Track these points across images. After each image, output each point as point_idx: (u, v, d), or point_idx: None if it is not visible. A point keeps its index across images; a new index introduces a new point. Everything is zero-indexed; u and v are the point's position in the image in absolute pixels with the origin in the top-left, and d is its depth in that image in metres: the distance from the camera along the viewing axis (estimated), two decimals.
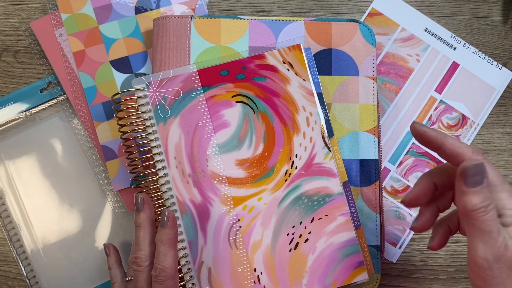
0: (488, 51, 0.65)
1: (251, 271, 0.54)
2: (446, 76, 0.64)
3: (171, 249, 0.49)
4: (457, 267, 0.63)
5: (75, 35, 0.62)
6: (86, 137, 0.62)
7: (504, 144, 0.65)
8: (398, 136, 0.64)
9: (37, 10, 0.65)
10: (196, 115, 0.56)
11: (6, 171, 0.62)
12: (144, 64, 0.62)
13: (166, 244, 0.49)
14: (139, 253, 0.51)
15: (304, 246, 0.55)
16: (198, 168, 0.55)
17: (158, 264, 0.49)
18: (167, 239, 0.49)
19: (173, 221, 0.50)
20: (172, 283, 0.49)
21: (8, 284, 0.62)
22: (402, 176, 0.63)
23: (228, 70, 0.57)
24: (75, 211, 0.62)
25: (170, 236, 0.50)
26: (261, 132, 0.56)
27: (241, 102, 0.56)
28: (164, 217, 0.50)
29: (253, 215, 0.55)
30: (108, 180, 0.62)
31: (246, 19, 0.60)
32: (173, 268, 0.49)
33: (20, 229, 0.61)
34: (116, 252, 0.58)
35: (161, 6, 0.63)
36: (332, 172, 0.56)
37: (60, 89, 0.63)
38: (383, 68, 0.64)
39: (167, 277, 0.48)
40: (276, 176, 0.56)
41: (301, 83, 0.57)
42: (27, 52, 0.64)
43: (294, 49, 0.57)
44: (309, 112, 0.56)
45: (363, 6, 0.66)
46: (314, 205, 0.55)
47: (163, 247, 0.49)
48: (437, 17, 0.66)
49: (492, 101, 0.64)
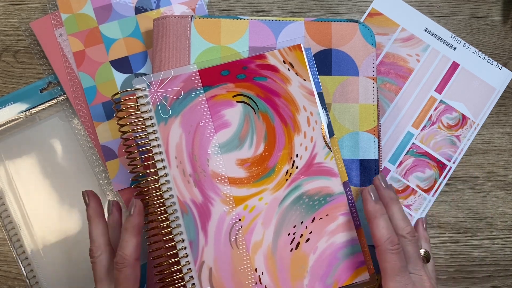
0: (488, 51, 0.65)
1: (252, 271, 0.54)
2: (446, 76, 0.65)
3: (133, 237, 0.50)
4: (457, 267, 0.63)
5: (75, 35, 0.62)
6: (86, 137, 0.62)
7: (504, 144, 0.65)
8: (398, 136, 0.64)
9: (37, 10, 0.65)
10: (197, 115, 0.56)
11: (6, 171, 0.62)
12: (144, 64, 0.62)
13: (129, 232, 0.50)
14: (91, 246, 0.52)
15: (305, 246, 0.55)
16: (199, 167, 0.55)
17: (120, 251, 0.49)
18: (131, 227, 0.50)
19: (139, 210, 0.51)
20: (130, 271, 0.49)
21: (8, 284, 0.61)
22: (402, 176, 0.63)
23: (229, 70, 0.57)
24: (75, 211, 0.62)
25: (133, 224, 0.50)
26: (262, 132, 0.56)
27: (242, 102, 0.56)
28: (131, 206, 0.51)
29: (254, 214, 0.55)
30: (108, 180, 0.62)
31: (246, 19, 0.60)
32: (133, 256, 0.49)
33: (20, 229, 0.61)
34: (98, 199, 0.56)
35: (161, 6, 0.63)
36: (333, 171, 0.56)
37: (60, 89, 0.63)
38: (383, 68, 0.64)
39: (126, 265, 0.49)
40: (277, 175, 0.56)
41: (302, 83, 0.57)
42: (27, 52, 0.64)
43: (294, 49, 0.57)
44: (310, 112, 0.56)
45: (363, 6, 0.66)
46: (315, 204, 0.55)
47: (126, 234, 0.50)
48: (437, 17, 0.66)
49: (492, 101, 0.65)
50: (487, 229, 0.64)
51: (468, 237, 0.64)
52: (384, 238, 0.49)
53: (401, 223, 0.52)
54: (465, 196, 0.64)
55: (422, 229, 0.59)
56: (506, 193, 0.64)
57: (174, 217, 0.54)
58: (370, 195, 0.52)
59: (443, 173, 0.64)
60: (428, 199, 0.63)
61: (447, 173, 0.64)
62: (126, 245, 0.49)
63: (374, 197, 0.52)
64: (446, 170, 0.64)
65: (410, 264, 0.50)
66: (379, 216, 0.50)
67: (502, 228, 0.64)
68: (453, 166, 0.64)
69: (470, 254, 0.64)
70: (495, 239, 0.64)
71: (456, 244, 0.64)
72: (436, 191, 0.64)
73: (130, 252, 0.49)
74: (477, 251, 0.64)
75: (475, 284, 0.63)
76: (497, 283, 0.63)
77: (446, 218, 0.64)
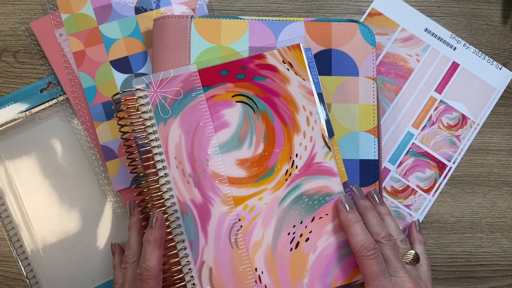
0: (488, 51, 0.65)
1: (252, 271, 0.54)
2: (446, 76, 0.65)
3: (156, 249, 0.51)
4: (457, 267, 0.63)
5: (75, 35, 0.62)
6: (86, 137, 0.62)
7: (504, 144, 0.65)
8: (398, 136, 0.64)
9: (37, 10, 0.65)
10: (196, 115, 0.56)
11: (6, 171, 0.62)
12: (144, 64, 0.62)
13: (152, 244, 0.51)
14: (127, 251, 0.54)
15: (305, 246, 0.55)
16: (199, 168, 0.55)
17: (143, 263, 0.50)
18: (153, 239, 0.51)
19: (161, 223, 0.52)
20: (154, 282, 0.50)
21: (8, 284, 0.61)
22: (402, 176, 0.63)
23: (228, 70, 0.57)
24: (75, 211, 0.62)
25: (156, 236, 0.51)
26: (261, 131, 0.56)
27: (241, 102, 0.56)
28: (152, 218, 0.52)
29: (253, 214, 0.55)
30: (108, 180, 0.62)
31: (246, 19, 0.60)
32: (157, 268, 0.50)
33: (20, 229, 0.61)
34: (122, 253, 0.59)
35: (161, 6, 0.63)
36: (332, 171, 0.56)
37: (60, 89, 0.63)
38: (383, 68, 0.64)
39: (150, 276, 0.50)
40: (277, 175, 0.56)
41: (301, 83, 0.57)
42: (27, 52, 0.64)
43: (293, 49, 0.57)
44: (309, 111, 0.56)
45: (363, 6, 0.66)
46: (315, 204, 0.55)
47: (149, 247, 0.51)
48: (437, 17, 0.66)
49: (492, 101, 0.65)
50: (487, 229, 0.64)
51: (468, 237, 0.64)
52: (359, 246, 0.51)
53: (376, 228, 0.54)
54: (465, 196, 0.64)
55: (416, 231, 0.60)
56: (506, 193, 0.64)
57: (174, 218, 0.54)
58: (343, 205, 0.54)
59: (443, 173, 0.64)
60: (428, 199, 0.63)
61: (447, 173, 0.64)
62: (150, 257, 0.50)
63: (348, 207, 0.54)
64: (446, 170, 0.64)
65: (390, 267, 0.52)
66: (352, 225, 0.53)
67: (502, 228, 0.64)
68: (453, 166, 0.64)
69: (470, 254, 0.64)
70: (495, 239, 0.64)
71: (456, 244, 0.64)
72: (436, 191, 0.64)
73: (154, 264, 0.50)
74: (477, 251, 0.64)
75: (475, 284, 0.63)
76: (497, 283, 0.63)
77: (446, 218, 0.64)
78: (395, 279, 0.51)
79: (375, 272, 0.50)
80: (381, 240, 0.53)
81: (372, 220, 0.54)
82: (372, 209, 0.55)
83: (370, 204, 0.56)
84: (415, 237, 0.60)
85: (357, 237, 0.52)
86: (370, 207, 0.55)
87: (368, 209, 0.55)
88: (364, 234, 0.52)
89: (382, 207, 0.58)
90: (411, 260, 0.54)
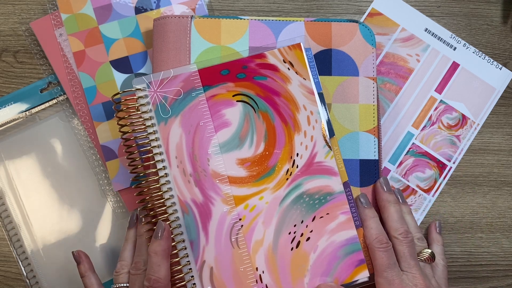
0: (488, 51, 0.65)
1: (253, 270, 0.54)
2: (446, 76, 0.65)
3: (165, 260, 0.51)
4: (457, 267, 0.63)
5: (75, 35, 0.62)
6: (86, 137, 0.62)
7: (504, 144, 0.65)
8: (398, 136, 0.64)
9: (37, 10, 0.65)
10: (197, 115, 0.55)
11: (6, 171, 0.62)
12: (144, 64, 0.62)
13: (160, 255, 0.51)
14: (139, 258, 0.54)
15: (306, 245, 0.55)
16: (199, 167, 0.55)
17: (152, 275, 0.50)
18: (161, 250, 0.51)
19: (168, 233, 0.52)
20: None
21: (8, 284, 0.61)
22: (402, 176, 0.63)
23: (228, 69, 0.57)
24: (75, 211, 0.62)
25: (164, 247, 0.51)
26: (262, 131, 0.56)
27: (242, 101, 0.56)
28: (159, 229, 0.52)
29: (254, 214, 0.55)
30: (108, 180, 0.62)
31: (246, 19, 0.60)
32: (166, 279, 0.50)
33: (20, 229, 0.61)
34: (88, 259, 0.58)
35: (161, 6, 0.63)
36: (333, 170, 0.56)
37: (60, 89, 0.63)
38: (383, 68, 0.64)
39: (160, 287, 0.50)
40: (277, 175, 0.56)
41: (302, 82, 0.57)
42: (27, 52, 0.64)
43: (294, 48, 0.57)
44: (310, 111, 0.56)
45: (363, 6, 0.66)
46: (316, 203, 0.55)
47: (157, 258, 0.51)
48: (437, 17, 0.66)
49: (492, 101, 0.65)
50: (487, 229, 0.64)
51: (468, 237, 0.64)
52: (373, 238, 0.54)
53: (395, 224, 0.55)
54: (465, 196, 0.64)
55: (435, 232, 0.62)
56: (506, 193, 0.64)
57: (174, 217, 0.54)
58: (360, 201, 0.57)
59: (443, 173, 0.64)
60: (428, 199, 0.63)
61: (447, 173, 0.64)
62: (159, 269, 0.50)
63: (364, 203, 0.57)
64: (446, 170, 0.64)
65: (403, 263, 0.53)
66: (368, 219, 0.56)
67: (502, 228, 0.64)
68: (453, 166, 0.64)
69: (470, 254, 0.64)
70: (495, 239, 0.64)
71: (456, 244, 0.64)
72: (436, 191, 0.64)
73: (164, 275, 0.50)
74: (477, 251, 0.64)
75: (475, 284, 0.63)
76: (497, 283, 0.63)
77: (446, 218, 0.64)
78: (406, 274, 0.53)
79: (385, 263, 0.52)
80: (397, 236, 0.55)
81: (393, 215, 0.56)
82: (396, 203, 0.57)
83: (395, 198, 0.57)
84: (434, 238, 0.61)
85: (372, 230, 0.55)
86: (394, 201, 0.57)
87: (392, 203, 0.57)
88: (378, 229, 0.55)
89: (404, 206, 0.59)
90: (426, 259, 0.56)
